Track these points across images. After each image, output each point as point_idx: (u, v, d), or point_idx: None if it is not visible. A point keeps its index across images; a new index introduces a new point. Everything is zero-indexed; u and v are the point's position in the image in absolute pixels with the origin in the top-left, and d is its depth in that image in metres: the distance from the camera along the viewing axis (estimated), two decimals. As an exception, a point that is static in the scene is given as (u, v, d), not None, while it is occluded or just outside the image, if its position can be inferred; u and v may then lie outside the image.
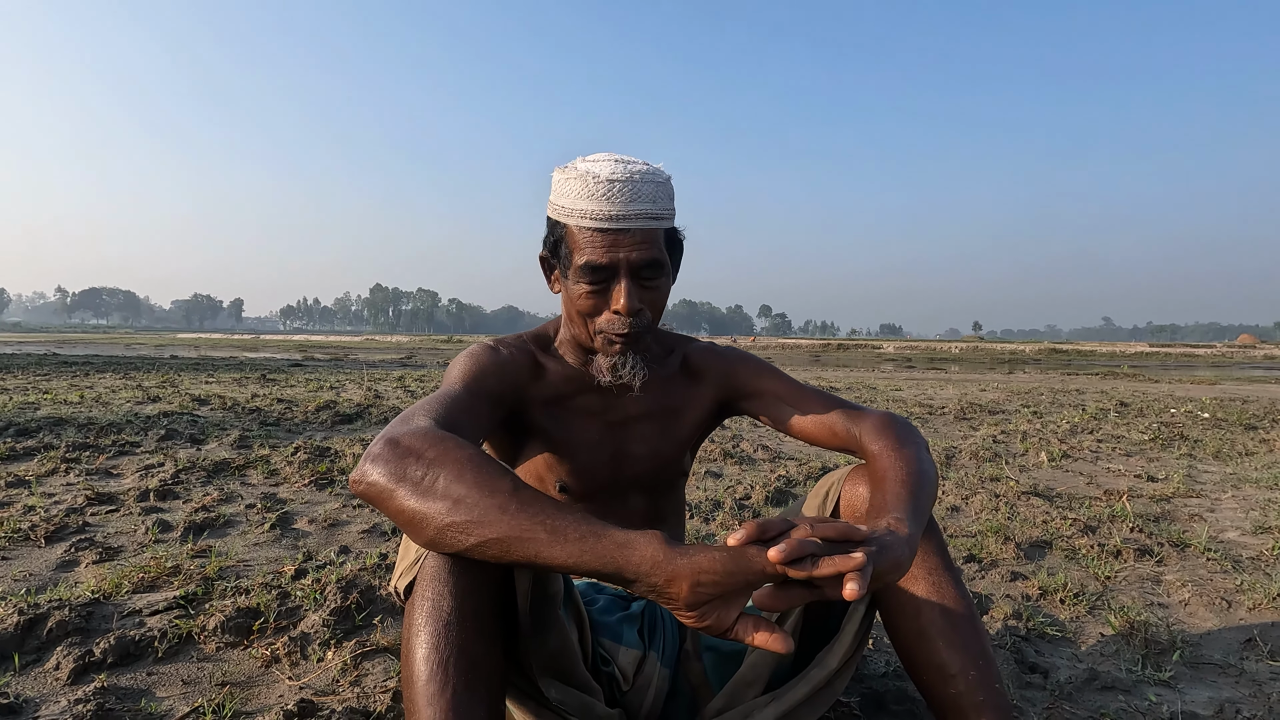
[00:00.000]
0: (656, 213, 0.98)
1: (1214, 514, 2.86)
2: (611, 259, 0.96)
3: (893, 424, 1.02)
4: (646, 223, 0.97)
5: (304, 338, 54.69)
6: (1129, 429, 5.25)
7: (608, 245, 0.96)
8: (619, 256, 0.96)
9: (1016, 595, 1.92)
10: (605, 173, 0.96)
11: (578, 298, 1.00)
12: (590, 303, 1.00)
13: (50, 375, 8.38)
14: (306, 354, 18.96)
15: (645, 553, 0.68)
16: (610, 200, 0.95)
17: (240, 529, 2.38)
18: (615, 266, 0.97)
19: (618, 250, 0.96)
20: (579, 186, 0.97)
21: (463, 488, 0.72)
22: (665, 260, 1.00)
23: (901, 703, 1.32)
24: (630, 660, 1.02)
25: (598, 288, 0.99)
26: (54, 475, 3.04)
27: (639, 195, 0.96)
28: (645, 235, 0.97)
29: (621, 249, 0.96)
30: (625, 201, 0.95)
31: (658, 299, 1.02)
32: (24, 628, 1.49)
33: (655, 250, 0.98)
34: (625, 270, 0.97)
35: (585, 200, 0.96)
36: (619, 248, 0.96)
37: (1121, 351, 29.52)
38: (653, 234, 0.98)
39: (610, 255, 0.96)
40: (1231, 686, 1.44)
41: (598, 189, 0.95)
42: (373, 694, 1.33)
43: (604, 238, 0.96)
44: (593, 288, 0.99)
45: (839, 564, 0.66)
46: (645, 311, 1.00)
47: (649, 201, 0.97)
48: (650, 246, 0.98)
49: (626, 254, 0.96)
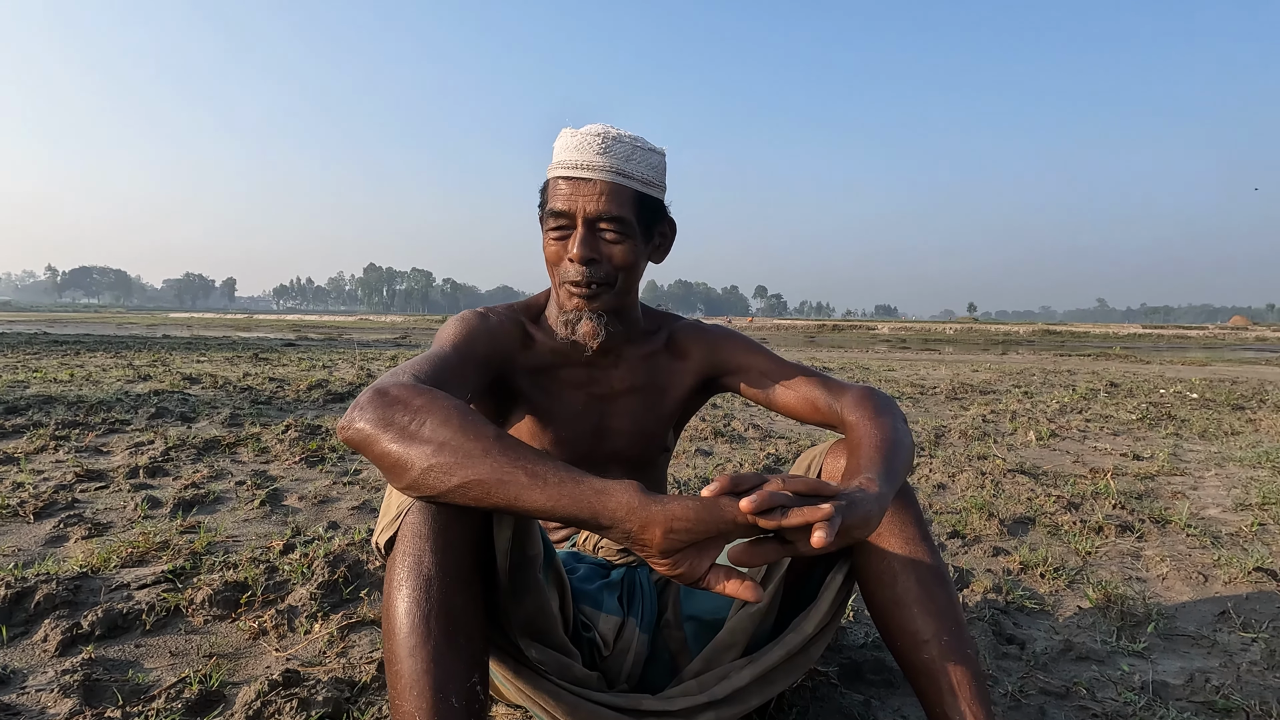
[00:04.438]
0: (626, 170, 1.01)
1: (1196, 491, 2.90)
2: (570, 206, 1.00)
3: (871, 396, 1.04)
4: (612, 177, 1.00)
5: (298, 317, 54.45)
6: (1118, 409, 5.30)
7: (569, 193, 1.00)
8: (577, 205, 1.00)
9: (998, 570, 1.95)
10: (586, 129, 1.01)
11: (547, 247, 1.05)
12: (554, 250, 1.04)
13: (40, 354, 8.33)
14: (300, 333, 18.89)
15: (621, 499, 0.70)
16: (579, 151, 1.00)
17: (230, 505, 2.39)
18: (573, 214, 1.00)
19: (577, 199, 1.00)
20: (562, 142, 1.03)
21: (448, 431, 0.74)
22: (629, 219, 1.02)
23: (879, 672, 1.34)
24: (610, 626, 1.04)
25: (560, 235, 1.03)
26: (43, 452, 3.03)
27: (609, 150, 1.00)
28: (609, 190, 1.00)
29: (580, 197, 1.00)
30: (593, 153, 1.00)
31: (619, 256, 1.03)
32: (11, 601, 1.50)
33: (616, 206, 1.00)
34: (581, 218, 1.00)
35: (561, 152, 1.02)
36: (578, 196, 1.00)
37: (1115, 333, 29.65)
38: (618, 190, 1.01)
39: (569, 203, 1.00)
40: (1203, 657, 1.47)
41: (572, 141, 1.01)
42: (358, 665, 1.35)
43: (568, 185, 1.01)
44: (556, 235, 1.03)
45: (807, 514, 0.67)
46: (603, 265, 1.02)
47: (619, 159, 1.00)
48: (611, 200, 1.00)
49: (585, 203, 1.00)
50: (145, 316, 45.51)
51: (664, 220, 1.10)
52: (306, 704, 1.16)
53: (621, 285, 1.05)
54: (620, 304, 1.07)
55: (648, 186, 1.03)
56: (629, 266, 1.04)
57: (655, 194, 1.05)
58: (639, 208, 1.03)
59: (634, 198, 1.02)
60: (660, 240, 1.12)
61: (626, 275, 1.05)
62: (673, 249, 1.16)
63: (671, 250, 1.16)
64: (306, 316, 64.00)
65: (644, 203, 1.03)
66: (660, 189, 1.07)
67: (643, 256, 1.07)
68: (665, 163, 1.08)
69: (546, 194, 1.05)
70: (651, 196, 1.05)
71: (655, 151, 1.05)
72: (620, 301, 1.07)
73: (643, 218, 1.04)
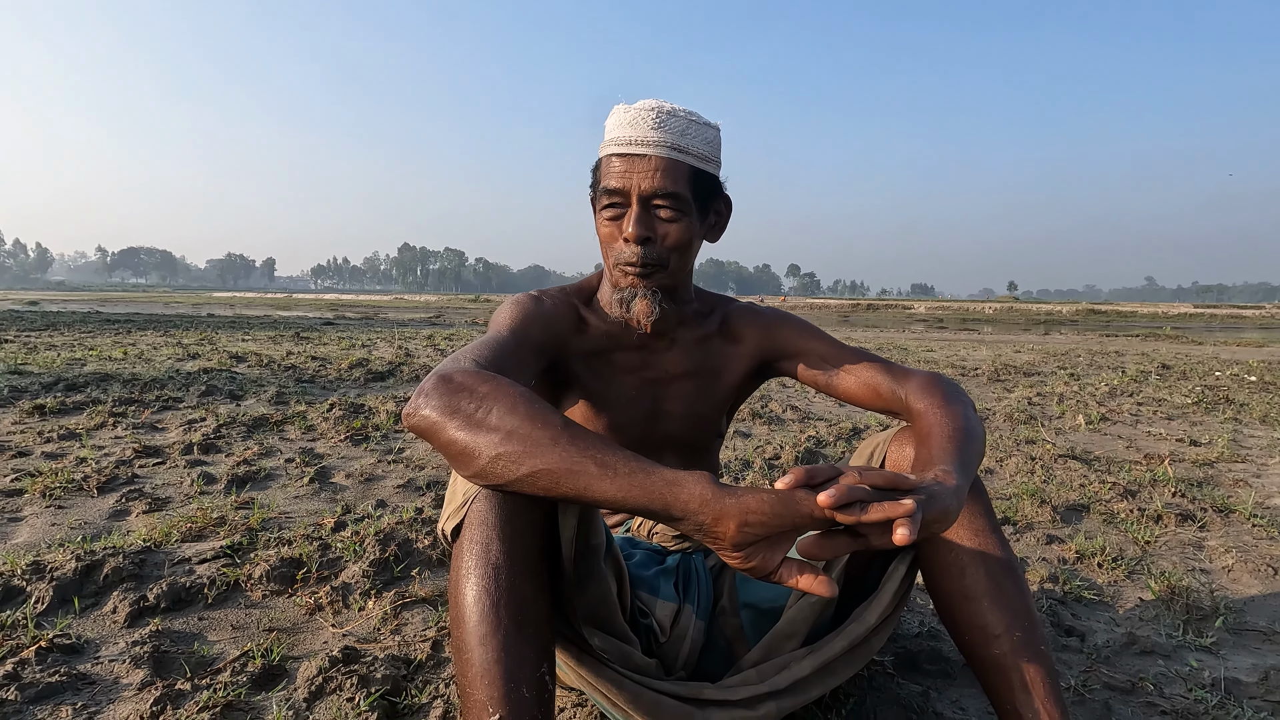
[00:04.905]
0: (682, 145, 0.98)
1: (1260, 479, 2.78)
2: (624, 184, 0.98)
3: (939, 382, 1.00)
4: (667, 152, 0.97)
5: (335, 297, 55.52)
6: (1171, 392, 5.11)
7: (623, 170, 0.98)
8: (632, 182, 0.98)
9: (1053, 558, 1.90)
10: (640, 104, 1.00)
11: (600, 228, 1.03)
12: (607, 230, 1.02)
13: (94, 333, 8.63)
14: (338, 313, 19.26)
15: (694, 491, 0.68)
16: (633, 126, 0.98)
17: (280, 482, 2.44)
18: (628, 192, 0.98)
19: (631, 175, 0.98)
20: (616, 118, 1.01)
21: (515, 419, 0.72)
22: (685, 196, 0.99)
23: (935, 663, 1.32)
24: (667, 613, 1.03)
25: (615, 214, 1.01)
26: (103, 429, 3.14)
27: (664, 125, 0.97)
28: (664, 165, 0.97)
29: (635, 174, 0.97)
30: (647, 128, 0.97)
31: (674, 235, 1.00)
32: (82, 573, 1.55)
33: (672, 182, 0.98)
34: (636, 196, 0.98)
35: (614, 129, 1.00)
36: (633, 173, 0.98)
37: (1164, 313, 28.60)
38: (674, 166, 0.98)
39: (624, 180, 0.98)
40: (1277, 654, 1.41)
41: (626, 117, 0.99)
42: (413, 642, 1.37)
43: (622, 162, 0.98)
44: (609, 214, 1.01)
45: (888, 510, 0.64)
46: (657, 245, 1.00)
47: (675, 134, 0.98)
48: (666, 177, 0.97)
49: (640, 180, 0.97)
50: (190, 296, 46.90)
51: (719, 197, 1.07)
52: (366, 680, 1.18)
53: (675, 265, 1.03)
54: (674, 283, 1.05)
55: (703, 162, 1.00)
56: (684, 245, 1.02)
57: (711, 170, 1.02)
58: (694, 184, 1.00)
59: (689, 174, 0.99)
60: (715, 219, 1.09)
61: (681, 255, 1.02)
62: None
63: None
64: (343, 296, 65.26)
65: (699, 179, 1.01)
66: (716, 164, 1.04)
67: (698, 235, 1.05)
68: (720, 138, 1.04)
69: (599, 173, 1.03)
70: (707, 172, 1.01)
71: (710, 126, 1.02)
72: (674, 281, 1.05)
73: (698, 194, 1.01)
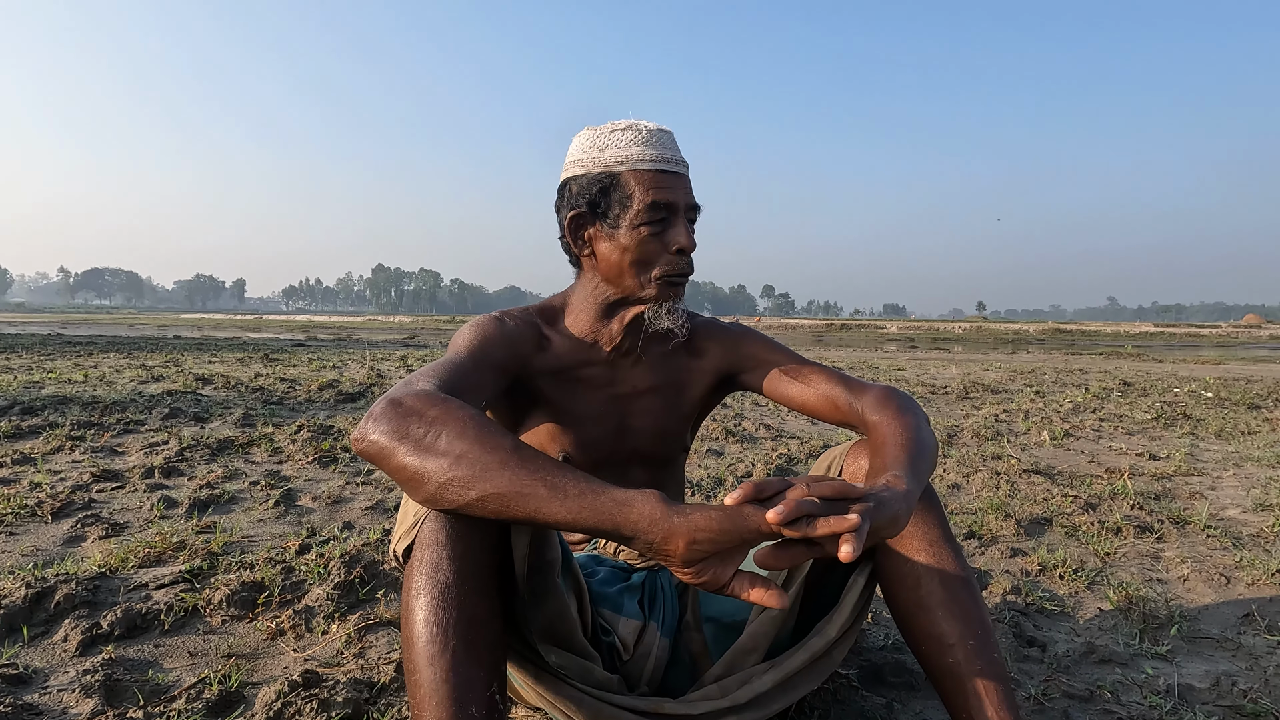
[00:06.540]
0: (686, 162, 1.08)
1: (1215, 492, 2.87)
2: (673, 198, 1.03)
3: (894, 396, 1.03)
4: (687, 169, 1.08)
5: (307, 318, 54.73)
6: (1131, 408, 5.25)
7: (669, 185, 1.03)
8: (678, 197, 1.03)
9: (1016, 571, 1.93)
10: (650, 125, 1.05)
11: (637, 244, 1.03)
12: (651, 245, 1.03)
13: (54, 355, 8.40)
14: (309, 334, 18.98)
15: (643, 510, 0.69)
16: (665, 146, 1.04)
17: (244, 505, 2.40)
18: (676, 205, 1.03)
19: (676, 191, 1.03)
20: (631, 136, 1.03)
21: (464, 444, 0.72)
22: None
23: (899, 675, 1.33)
24: (630, 630, 1.03)
25: (658, 229, 1.03)
26: (59, 453, 3.05)
27: (675, 144, 1.07)
28: (689, 182, 1.07)
29: (679, 189, 1.04)
30: (674, 148, 1.06)
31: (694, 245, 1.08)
32: (32, 600, 1.50)
33: (694, 197, 1.07)
34: (684, 210, 1.04)
35: (642, 147, 1.03)
36: (677, 189, 1.03)
37: (1126, 331, 29.42)
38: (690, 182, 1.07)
39: (672, 195, 1.03)
40: (1228, 660, 1.45)
41: (651, 137, 1.04)
42: (376, 665, 1.35)
43: (666, 178, 1.03)
44: (653, 229, 1.03)
45: (834, 524, 0.66)
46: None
47: (680, 152, 1.08)
48: (692, 192, 1.07)
49: (684, 195, 1.04)
50: (156, 317, 45.89)
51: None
52: (326, 705, 1.16)
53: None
54: None
55: None
56: None
57: None
58: None
59: None
60: None
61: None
62: None
63: None
64: (315, 317, 64.37)
65: None
66: None
67: None
68: None
69: (622, 190, 1.02)
70: None
71: None
72: None
73: None
